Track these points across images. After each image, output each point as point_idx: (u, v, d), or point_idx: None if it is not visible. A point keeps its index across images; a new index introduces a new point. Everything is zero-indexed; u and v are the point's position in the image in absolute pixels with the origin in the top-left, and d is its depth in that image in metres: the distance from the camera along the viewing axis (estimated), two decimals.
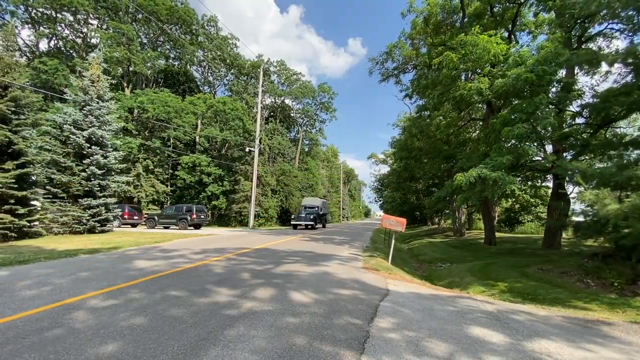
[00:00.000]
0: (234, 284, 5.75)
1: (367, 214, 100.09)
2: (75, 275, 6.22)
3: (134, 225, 23.21)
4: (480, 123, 18.68)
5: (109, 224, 16.57)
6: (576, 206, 11.89)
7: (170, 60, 39.71)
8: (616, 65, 9.89)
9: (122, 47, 28.68)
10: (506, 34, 14.89)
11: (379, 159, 58.17)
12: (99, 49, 17.81)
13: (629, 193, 7.93)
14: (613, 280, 7.16)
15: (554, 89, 11.42)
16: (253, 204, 24.60)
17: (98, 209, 15.49)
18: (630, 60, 8.41)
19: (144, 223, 24.14)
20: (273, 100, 43.98)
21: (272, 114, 44.01)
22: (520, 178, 13.78)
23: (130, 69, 31.40)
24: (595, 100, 10.22)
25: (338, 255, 10.16)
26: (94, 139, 16.07)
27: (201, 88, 44.47)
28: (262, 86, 29.12)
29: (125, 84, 31.27)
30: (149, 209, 29.03)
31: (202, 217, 23.62)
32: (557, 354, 3.33)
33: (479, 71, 12.09)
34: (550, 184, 15.89)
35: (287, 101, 45.08)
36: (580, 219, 10.19)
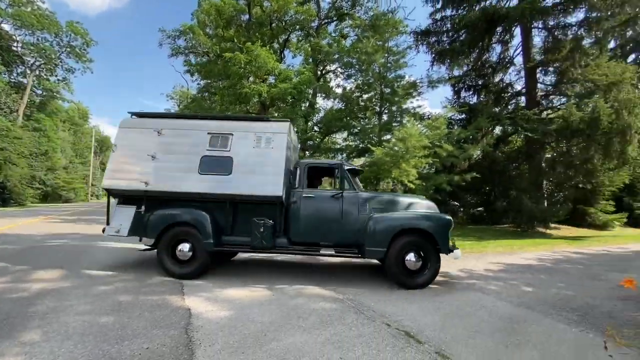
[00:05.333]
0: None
1: None
2: None
3: None
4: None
5: None
6: None
7: None
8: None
9: None
10: (279, 50, 18.61)
11: None
12: None
13: None
14: None
15: (306, 104, 15.99)
16: None
17: None
18: (344, 98, 13.59)
19: None
20: None
21: None
22: None
23: None
24: (323, 118, 15.41)
25: None
26: None
27: None
28: None
29: None
30: None
31: None
32: None
33: (260, 77, 14.77)
34: None
35: (5, 26, 30.87)
36: None
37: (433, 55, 16.14)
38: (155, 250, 5.00)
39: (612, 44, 15.77)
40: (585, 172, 13.67)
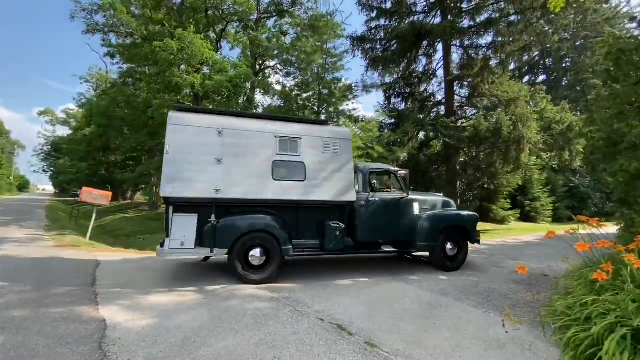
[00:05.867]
0: None
1: (23, 187, 71.90)
2: None
3: None
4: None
5: None
6: None
7: None
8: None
9: None
10: (216, 40, 17.62)
11: (57, 118, 44.22)
12: None
13: None
14: None
15: (243, 99, 15.45)
16: None
17: None
18: (283, 96, 13.51)
19: None
20: None
21: None
22: None
23: None
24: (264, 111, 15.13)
25: (9, 237, 8.00)
26: None
27: None
28: None
29: None
30: None
31: None
32: None
33: (193, 66, 13.78)
34: None
35: None
36: None
37: (367, 61, 17.01)
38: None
39: (512, 66, 18.54)
40: (490, 175, 15.90)
